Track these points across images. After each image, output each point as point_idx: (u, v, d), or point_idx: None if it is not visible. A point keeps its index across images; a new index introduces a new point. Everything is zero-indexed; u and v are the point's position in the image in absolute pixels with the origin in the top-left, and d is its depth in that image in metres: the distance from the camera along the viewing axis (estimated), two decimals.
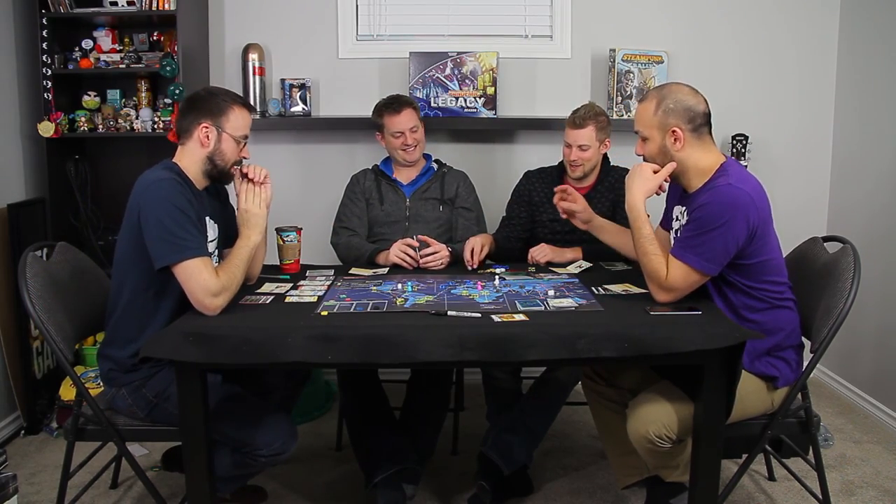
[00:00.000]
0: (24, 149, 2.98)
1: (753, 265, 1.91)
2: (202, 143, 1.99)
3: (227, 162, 2.03)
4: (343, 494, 2.44)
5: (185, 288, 1.86)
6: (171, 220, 1.85)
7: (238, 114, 2.02)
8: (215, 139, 1.99)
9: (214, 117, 1.99)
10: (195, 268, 1.83)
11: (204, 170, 2.02)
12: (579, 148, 2.52)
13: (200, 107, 2.00)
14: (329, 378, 3.27)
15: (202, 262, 1.85)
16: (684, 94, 1.94)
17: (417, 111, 2.71)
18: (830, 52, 3.35)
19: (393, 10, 3.34)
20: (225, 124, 2.00)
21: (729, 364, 1.79)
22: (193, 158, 2.01)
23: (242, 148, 2.06)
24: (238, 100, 2.04)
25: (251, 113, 2.09)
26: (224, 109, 2.00)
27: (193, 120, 1.99)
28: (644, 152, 2.01)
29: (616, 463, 2.26)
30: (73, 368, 1.97)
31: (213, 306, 1.85)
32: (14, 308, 2.80)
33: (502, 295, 2.05)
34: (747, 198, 1.85)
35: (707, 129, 1.96)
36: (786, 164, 3.39)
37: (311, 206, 3.29)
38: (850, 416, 3.02)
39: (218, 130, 1.99)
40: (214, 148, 2.00)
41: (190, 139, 2.00)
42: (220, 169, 2.03)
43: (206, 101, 2.00)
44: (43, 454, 2.71)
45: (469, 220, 2.72)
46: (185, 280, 1.84)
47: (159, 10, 2.93)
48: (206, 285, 1.84)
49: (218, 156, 2.01)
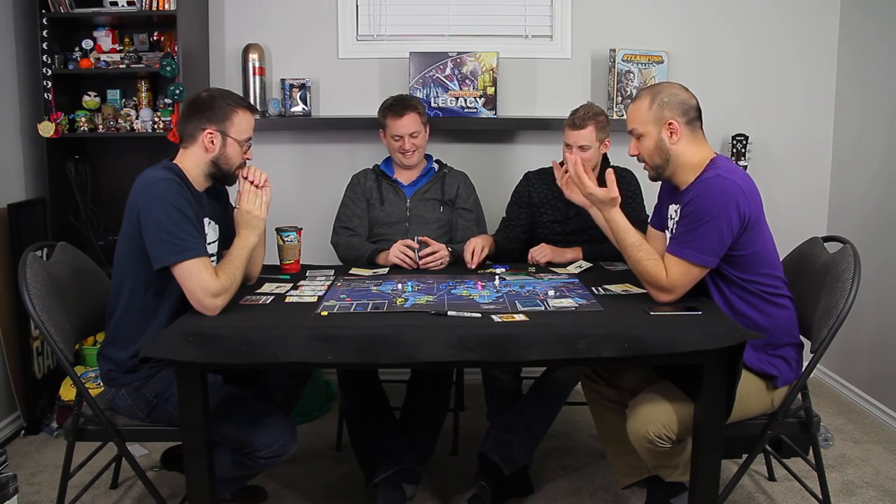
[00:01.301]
0: (24, 149, 2.98)
1: (747, 256, 1.92)
2: (207, 149, 1.99)
3: (231, 165, 2.03)
4: (343, 494, 2.44)
5: (184, 288, 1.85)
6: (169, 220, 1.84)
7: (242, 117, 2.01)
8: (220, 144, 1.99)
9: (219, 122, 1.98)
10: (195, 268, 1.83)
11: (207, 173, 2.03)
12: (580, 149, 2.52)
13: (204, 112, 1.98)
14: (329, 378, 3.27)
15: (202, 263, 1.85)
16: (677, 90, 1.99)
17: (422, 115, 2.69)
18: (830, 52, 3.35)
19: (393, 10, 3.34)
20: (230, 129, 1.99)
21: (729, 364, 1.79)
22: (196, 161, 2.00)
23: (247, 150, 2.06)
24: (241, 102, 2.04)
25: (254, 114, 2.08)
26: (228, 114, 1.99)
27: (197, 125, 1.98)
28: (639, 150, 2.02)
29: (616, 463, 2.27)
30: (73, 368, 1.97)
31: (212, 306, 1.85)
32: (14, 308, 2.80)
33: (502, 295, 2.05)
34: (736, 187, 1.87)
35: (699, 123, 2.00)
36: (786, 163, 3.40)
37: (311, 206, 3.29)
38: (850, 416, 3.02)
39: (223, 136, 1.99)
40: (220, 152, 2.00)
41: (194, 143, 2.00)
42: (224, 172, 2.04)
43: (210, 105, 1.99)
44: (43, 454, 2.71)
45: (469, 220, 2.72)
46: (185, 280, 1.84)
47: (159, 10, 2.93)
48: (206, 286, 1.84)
49: (223, 160, 2.01)
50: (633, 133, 2.02)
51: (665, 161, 1.98)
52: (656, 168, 2.01)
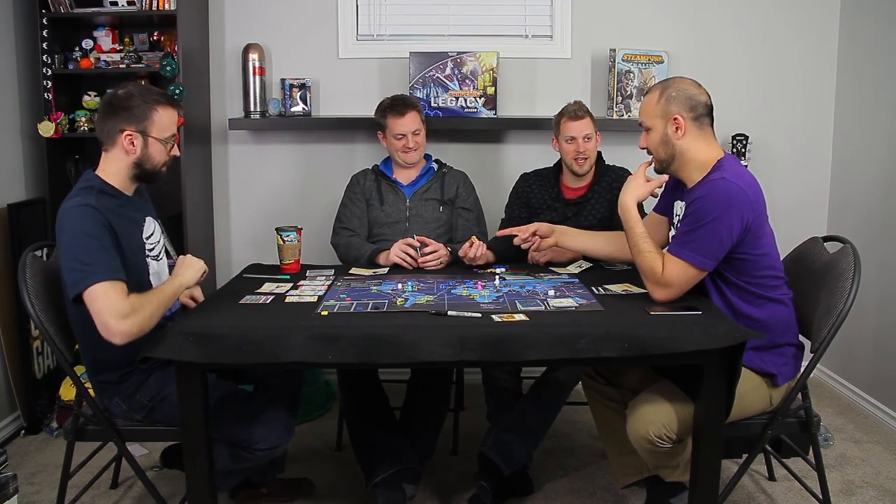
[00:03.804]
0: (24, 149, 2.98)
1: (749, 260, 1.92)
2: (127, 151, 1.89)
3: (155, 165, 1.94)
4: (343, 494, 2.44)
5: (93, 314, 1.73)
6: (80, 248, 1.76)
7: (163, 114, 1.91)
8: (141, 145, 1.89)
9: (138, 122, 1.88)
10: (101, 291, 1.71)
11: (131, 175, 1.94)
12: (585, 138, 2.54)
13: (120, 112, 1.88)
14: (329, 378, 3.27)
15: (109, 285, 1.73)
16: (687, 85, 1.99)
17: (421, 113, 2.71)
18: (830, 51, 3.35)
19: (393, 10, 3.33)
20: (150, 128, 1.89)
21: (729, 364, 1.79)
22: (119, 165, 1.92)
23: (171, 148, 1.96)
24: (161, 99, 1.93)
25: (176, 108, 1.97)
26: (147, 113, 1.89)
27: (115, 126, 1.88)
28: (647, 143, 2.03)
29: (616, 463, 2.26)
30: (73, 368, 1.97)
31: (118, 330, 1.71)
32: (14, 308, 2.80)
33: (502, 295, 2.05)
34: (740, 192, 1.86)
35: (709, 120, 1.99)
36: (786, 163, 3.39)
37: (311, 206, 3.29)
38: (850, 416, 3.02)
39: (143, 136, 1.89)
40: (141, 154, 1.90)
41: (113, 146, 1.90)
42: (148, 172, 1.95)
43: (127, 104, 1.88)
44: (43, 454, 2.71)
45: (469, 220, 2.72)
46: (92, 303, 1.72)
47: (159, 10, 2.93)
48: (113, 306, 1.71)
49: (146, 160, 1.92)
50: (642, 126, 2.03)
51: (671, 156, 1.99)
52: (662, 162, 2.02)
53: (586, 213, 2.61)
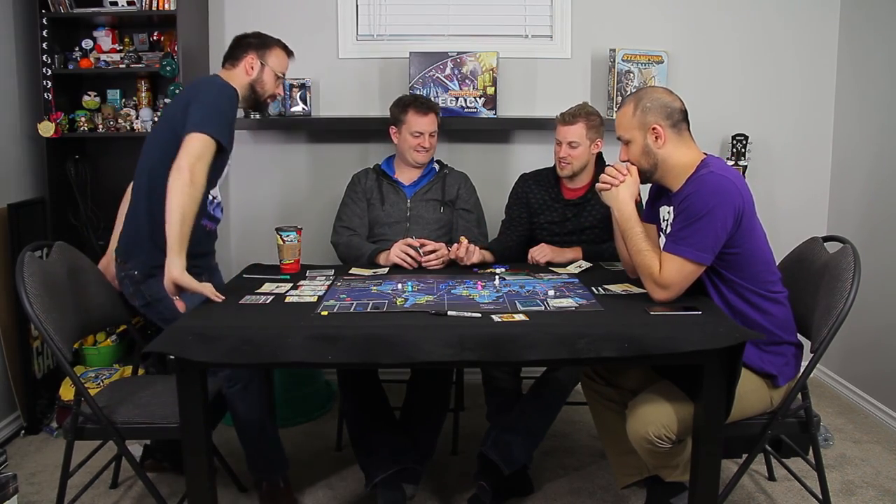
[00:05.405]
0: (24, 149, 2.98)
1: (740, 255, 1.92)
2: (247, 72, 2.27)
3: (265, 91, 2.31)
4: (343, 494, 2.44)
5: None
6: (221, 103, 2.09)
7: (280, 54, 2.32)
8: (258, 70, 2.27)
9: (260, 51, 2.28)
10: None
11: (243, 95, 2.27)
12: (569, 145, 2.53)
13: (250, 41, 2.28)
14: (329, 378, 3.27)
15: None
16: (660, 94, 2.01)
17: (439, 118, 2.74)
18: (830, 52, 3.35)
19: (393, 10, 3.34)
20: (269, 59, 2.29)
21: (729, 364, 1.78)
22: (236, 83, 2.23)
23: (279, 86, 2.35)
24: (282, 43, 2.34)
25: (290, 57, 2.38)
26: (270, 45, 2.30)
27: (242, 51, 2.27)
28: (628, 156, 2.04)
29: (616, 463, 2.26)
30: (73, 368, 1.97)
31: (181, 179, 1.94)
32: (14, 308, 2.79)
33: (502, 295, 2.05)
34: (729, 183, 1.88)
35: (685, 125, 2.01)
36: (786, 164, 3.39)
37: (311, 206, 3.30)
38: (850, 416, 3.02)
39: (262, 63, 2.28)
40: (257, 77, 2.28)
41: (235, 67, 2.27)
42: (257, 97, 2.30)
43: (256, 37, 2.30)
44: (43, 454, 2.71)
45: (469, 221, 2.72)
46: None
47: (159, 9, 2.94)
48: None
49: (259, 84, 2.29)
50: (621, 139, 2.04)
51: (653, 165, 2.00)
52: (646, 172, 2.03)
53: (586, 214, 2.61)
